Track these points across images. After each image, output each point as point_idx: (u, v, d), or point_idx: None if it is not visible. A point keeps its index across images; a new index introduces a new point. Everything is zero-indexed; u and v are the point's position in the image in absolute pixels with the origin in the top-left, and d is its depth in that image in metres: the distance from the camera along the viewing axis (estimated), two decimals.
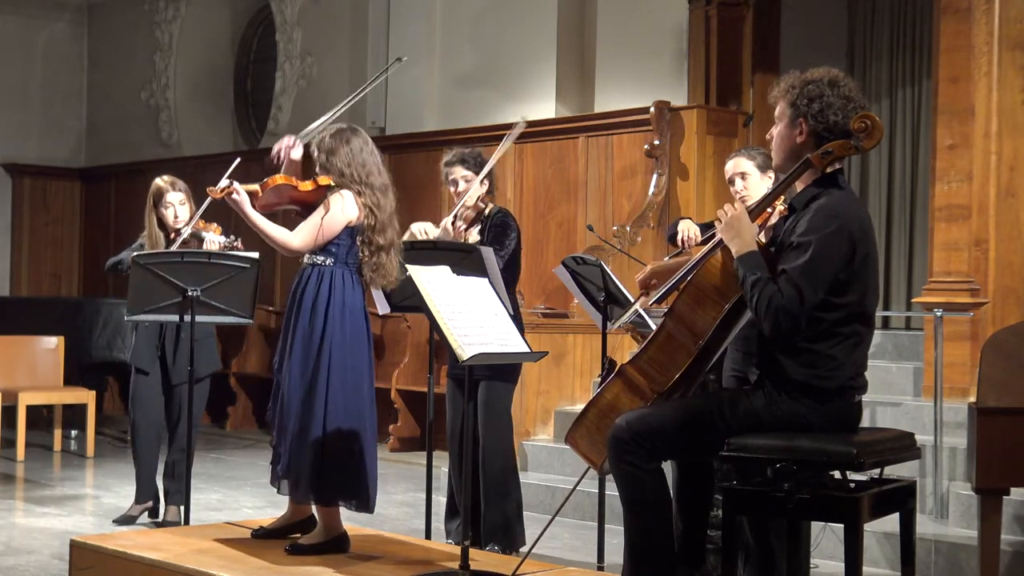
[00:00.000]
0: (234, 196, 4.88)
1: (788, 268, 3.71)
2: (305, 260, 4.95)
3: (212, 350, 6.74)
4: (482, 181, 5.74)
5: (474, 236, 5.74)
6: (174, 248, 6.31)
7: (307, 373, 4.84)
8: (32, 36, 14.03)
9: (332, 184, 4.91)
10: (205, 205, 6.23)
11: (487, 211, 5.82)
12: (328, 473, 4.84)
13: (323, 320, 4.84)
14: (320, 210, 4.87)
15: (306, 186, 4.94)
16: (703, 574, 4.24)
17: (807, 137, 3.85)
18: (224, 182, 4.94)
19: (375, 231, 4.88)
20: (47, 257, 14.13)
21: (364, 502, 4.92)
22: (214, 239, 6.40)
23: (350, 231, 4.90)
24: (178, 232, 6.47)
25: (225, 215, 6.53)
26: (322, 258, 4.90)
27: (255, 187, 4.95)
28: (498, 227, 5.75)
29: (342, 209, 4.85)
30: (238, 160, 5.68)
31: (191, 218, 6.51)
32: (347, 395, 4.87)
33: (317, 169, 4.98)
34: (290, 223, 5.03)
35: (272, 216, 5.08)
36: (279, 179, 4.95)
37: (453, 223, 5.62)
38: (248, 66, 13.54)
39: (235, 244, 6.37)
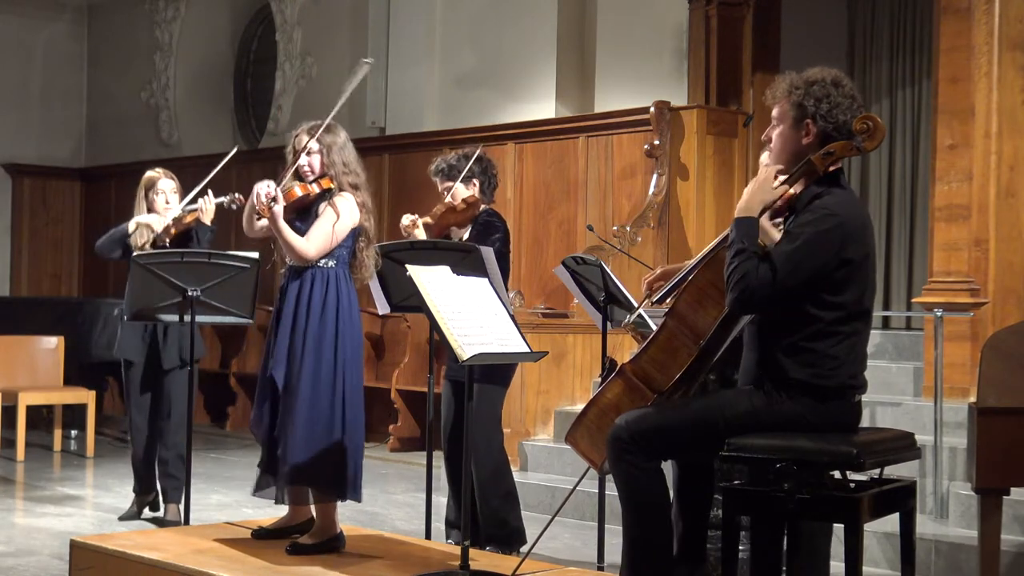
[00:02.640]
0: (275, 208, 4.84)
1: (773, 251, 3.71)
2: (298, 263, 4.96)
3: (197, 335, 6.70)
4: (463, 182, 5.80)
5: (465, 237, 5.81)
6: (159, 232, 6.46)
7: (326, 376, 4.89)
8: (32, 36, 14.03)
9: (331, 187, 4.96)
10: (192, 196, 6.36)
11: (478, 212, 5.84)
12: (351, 469, 4.94)
13: (334, 322, 4.91)
14: (330, 216, 4.91)
15: (312, 190, 4.99)
16: (703, 574, 4.24)
17: (814, 138, 3.83)
18: (270, 191, 4.85)
19: (369, 230, 5.02)
20: (47, 257, 14.12)
21: (360, 492, 5.03)
22: (209, 203, 6.43)
23: (354, 233, 4.99)
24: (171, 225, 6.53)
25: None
26: (325, 260, 4.95)
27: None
28: (482, 226, 5.81)
29: (349, 214, 4.93)
30: (235, 150, 5.77)
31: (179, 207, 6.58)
32: (357, 392, 4.98)
33: (321, 165, 4.97)
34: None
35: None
36: (297, 191, 4.95)
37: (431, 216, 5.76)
38: (248, 66, 13.53)
39: (235, 198, 6.32)
